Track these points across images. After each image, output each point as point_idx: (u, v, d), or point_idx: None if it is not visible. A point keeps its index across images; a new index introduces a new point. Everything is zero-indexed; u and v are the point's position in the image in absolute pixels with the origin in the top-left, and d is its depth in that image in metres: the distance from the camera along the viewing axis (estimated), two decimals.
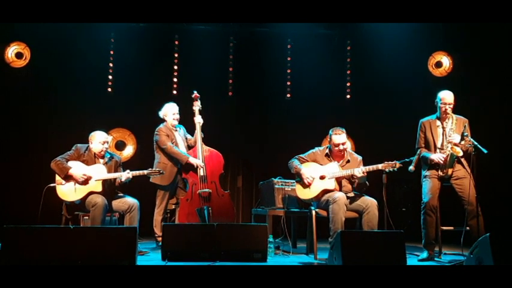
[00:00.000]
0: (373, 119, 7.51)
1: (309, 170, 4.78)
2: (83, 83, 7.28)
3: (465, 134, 4.47)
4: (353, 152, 4.99)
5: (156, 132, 5.42)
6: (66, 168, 4.67)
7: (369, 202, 4.61)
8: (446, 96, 4.71)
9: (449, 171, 4.63)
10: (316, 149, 4.98)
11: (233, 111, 7.76)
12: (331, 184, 4.68)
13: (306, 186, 4.77)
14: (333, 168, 4.72)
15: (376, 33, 7.27)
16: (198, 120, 5.50)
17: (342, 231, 3.86)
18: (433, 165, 4.72)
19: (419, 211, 4.79)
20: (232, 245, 4.17)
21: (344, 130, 4.79)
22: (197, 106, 5.53)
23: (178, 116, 5.52)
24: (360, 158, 4.88)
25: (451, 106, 4.69)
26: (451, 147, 4.58)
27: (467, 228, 4.50)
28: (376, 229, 4.54)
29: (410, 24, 6.81)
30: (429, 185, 4.72)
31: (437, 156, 4.65)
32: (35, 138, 7.09)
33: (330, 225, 4.51)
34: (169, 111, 5.50)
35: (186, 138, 5.64)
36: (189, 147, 5.59)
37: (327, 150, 4.89)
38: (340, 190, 4.73)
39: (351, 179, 4.79)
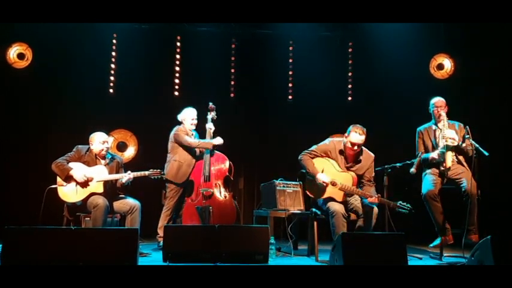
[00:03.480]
0: (375, 121, 7.47)
1: (323, 175, 4.65)
2: (85, 84, 7.28)
3: (466, 136, 4.46)
4: (367, 150, 4.83)
5: (176, 132, 5.53)
6: (66, 170, 4.67)
7: (369, 208, 4.59)
8: (437, 100, 4.87)
9: (448, 162, 4.60)
10: (330, 140, 4.87)
11: (235, 112, 7.76)
12: (339, 196, 4.62)
13: (316, 185, 4.70)
14: (347, 181, 4.62)
15: (378, 36, 7.26)
16: (210, 126, 5.60)
17: (343, 233, 3.86)
18: (434, 164, 4.71)
19: (420, 212, 4.73)
20: (233, 247, 4.15)
21: (365, 131, 4.64)
22: (211, 115, 5.64)
23: (196, 122, 5.66)
24: (372, 156, 4.80)
25: (443, 108, 4.79)
26: (445, 140, 4.60)
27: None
28: None
29: (412, 26, 6.81)
30: (429, 178, 4.72)
31: (435, 153, 4.69)
32: (37, 139, 7.09)
33: (332, 236, 4.48)
34: (188, 116, 5.62)
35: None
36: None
37: (342, 146, 4.76)
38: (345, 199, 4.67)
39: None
